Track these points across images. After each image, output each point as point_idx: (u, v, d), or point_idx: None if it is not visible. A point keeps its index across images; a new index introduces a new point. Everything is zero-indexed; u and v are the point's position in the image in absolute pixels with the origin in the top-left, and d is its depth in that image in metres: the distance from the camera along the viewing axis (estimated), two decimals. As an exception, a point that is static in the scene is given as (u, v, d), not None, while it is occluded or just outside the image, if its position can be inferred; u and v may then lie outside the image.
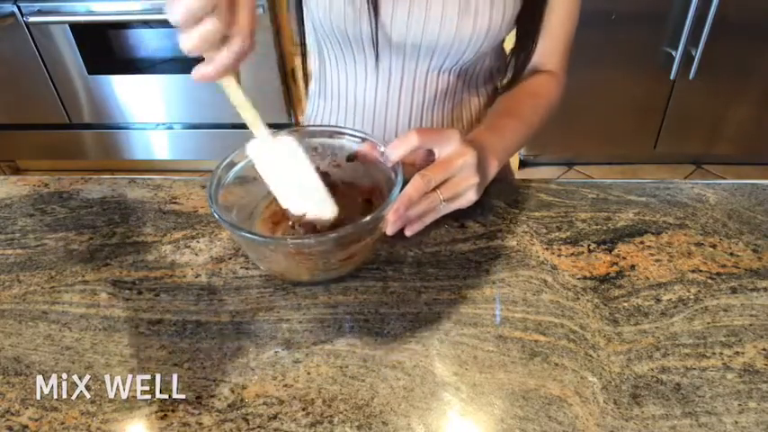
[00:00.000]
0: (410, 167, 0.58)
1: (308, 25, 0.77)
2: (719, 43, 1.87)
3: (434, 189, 0.57)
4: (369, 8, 0.69)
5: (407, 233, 0.59)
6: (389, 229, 0.54)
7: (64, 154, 2.36)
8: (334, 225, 0.58)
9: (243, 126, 0.55)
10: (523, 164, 2.36)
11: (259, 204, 0.65)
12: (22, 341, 0.56)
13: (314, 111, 0.88)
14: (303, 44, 0.82)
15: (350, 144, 0.64)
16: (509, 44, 0.80)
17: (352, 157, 0.64)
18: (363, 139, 0.63)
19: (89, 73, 2.05)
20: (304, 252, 0.55)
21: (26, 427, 0.48)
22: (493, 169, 0.63)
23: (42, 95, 2.13)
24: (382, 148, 0.60)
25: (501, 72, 0.86)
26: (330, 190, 0.59)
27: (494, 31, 0.71)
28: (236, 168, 0.61)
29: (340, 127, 0.65)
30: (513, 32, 0.77)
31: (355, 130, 0.63)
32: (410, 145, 0.56)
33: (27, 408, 0.50)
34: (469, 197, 0.59)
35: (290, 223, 0.62)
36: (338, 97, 0.83)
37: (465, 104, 0.83)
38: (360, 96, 0.80)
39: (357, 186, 0.65)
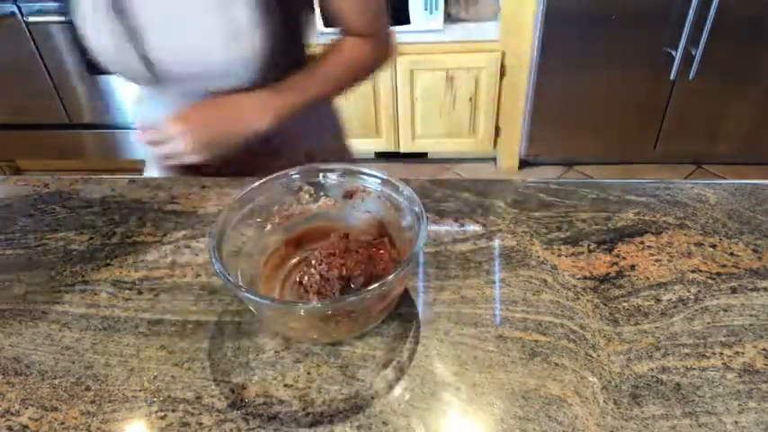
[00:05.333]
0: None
1: None
2: (719, 43, 1.87)
3: None
4: (129, 42, 0.70)
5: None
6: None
7: (64, 154, 2.36)
8: (347, 279, 0.54)
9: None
10: (523, 164, 2.36)
11: (259, 256, 0.59)
12: (22, 341, 0.56)
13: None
14: None
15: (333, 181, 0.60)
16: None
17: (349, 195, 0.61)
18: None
19: (89, 73, 2.05)
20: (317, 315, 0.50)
21: (26, 427, 0.48)
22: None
23: (42, 95, 2.13)
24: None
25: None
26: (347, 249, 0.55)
27: (266, 52, 0.71)
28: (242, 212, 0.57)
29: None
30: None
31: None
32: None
33: (27, 408, 0.50)
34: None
35: (298, 280, 0.57)
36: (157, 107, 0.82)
37: None
38: (168, 111, 0.75)
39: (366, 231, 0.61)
